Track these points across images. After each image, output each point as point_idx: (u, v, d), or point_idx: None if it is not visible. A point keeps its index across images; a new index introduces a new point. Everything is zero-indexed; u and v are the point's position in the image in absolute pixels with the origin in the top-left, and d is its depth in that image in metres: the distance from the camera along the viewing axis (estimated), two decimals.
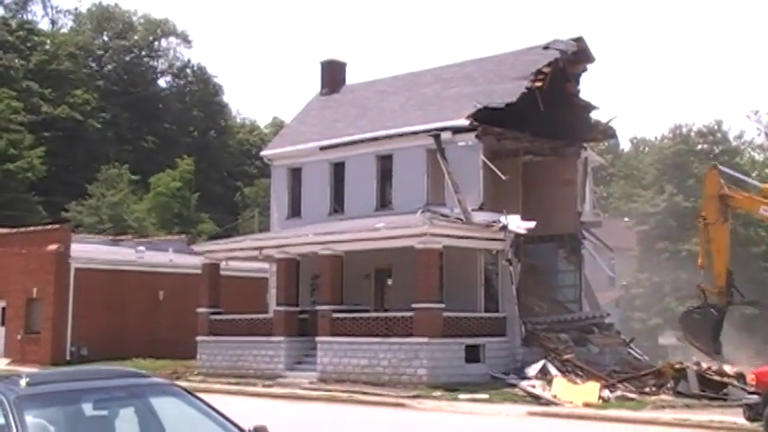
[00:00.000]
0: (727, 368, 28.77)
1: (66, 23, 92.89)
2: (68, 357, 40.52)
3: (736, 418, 20.55)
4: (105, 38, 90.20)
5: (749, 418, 19.49)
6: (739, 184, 32.71)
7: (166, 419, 6.98)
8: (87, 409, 6.75)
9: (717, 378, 27.24)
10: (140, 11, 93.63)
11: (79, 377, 7.11)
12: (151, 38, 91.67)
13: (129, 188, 73.30)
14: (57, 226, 46.40)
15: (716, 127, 68.46)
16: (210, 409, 7.14)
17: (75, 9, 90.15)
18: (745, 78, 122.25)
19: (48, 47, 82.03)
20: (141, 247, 47.75)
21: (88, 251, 44.61)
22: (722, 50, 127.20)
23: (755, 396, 19.21)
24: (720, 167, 30.55)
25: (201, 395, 7.51)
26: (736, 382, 26.40)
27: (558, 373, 28.56)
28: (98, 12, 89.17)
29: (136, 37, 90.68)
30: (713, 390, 26.64)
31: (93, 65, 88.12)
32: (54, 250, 41.81)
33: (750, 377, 20.47)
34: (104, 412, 6.84)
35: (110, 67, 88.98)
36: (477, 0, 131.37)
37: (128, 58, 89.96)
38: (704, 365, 28.76)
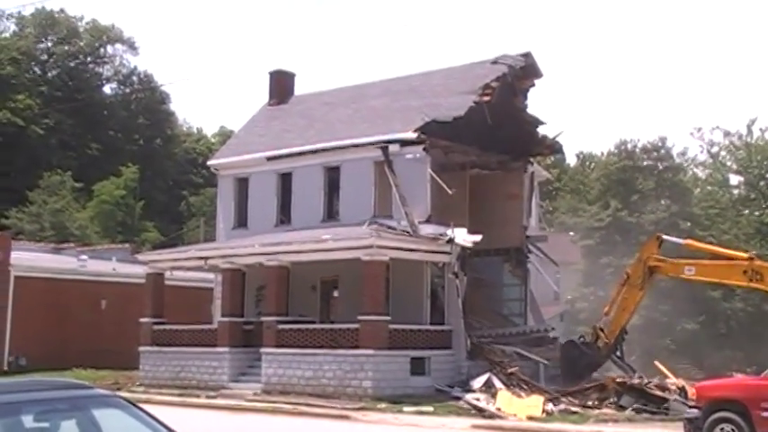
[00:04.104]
0: (670, 383, 29.20)
1: (9, 27, 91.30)
2: (6, 368, 39.69)
3: (677, 431, 20.79)
4: (49, 43, 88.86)
5: None
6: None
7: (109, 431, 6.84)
8: (27, 421, 6.58)
9: (658, 393, 27.58)
10: (86, 16, 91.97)
11: (19, 389, 6.94)
12: (97, 44, 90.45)
13: (72, 195, 72.17)
14: None
15: (660, 143, 69.50)
16: (154, 421, 7.02)
17: (19, 13, 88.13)
18: (690, 96, 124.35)
19: None
20: (84, 256, 47.05)
21: (29, 259, 43.83)
22: (667, 68, 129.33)
23: (696, 410, 19.46)
24: (664, 237, 31.24)
25: (143, 406, 7.38)
26: (678, 396, 26.76)
27: (503, 387, 28.67)
28: (42, 16, 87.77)
29: (81, 43, 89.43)
30: (655, 404, 26.97)
31: (37, 70, 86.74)
32: None
33: (691, 391, 20.75)
34: (45, 424, 6.68)
35: (54, 72, 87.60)
36: (425, 14, 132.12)
37: (72, 64, 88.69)
38: (646, 380, 29.11)
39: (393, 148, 33.31)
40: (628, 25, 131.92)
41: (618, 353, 31.51)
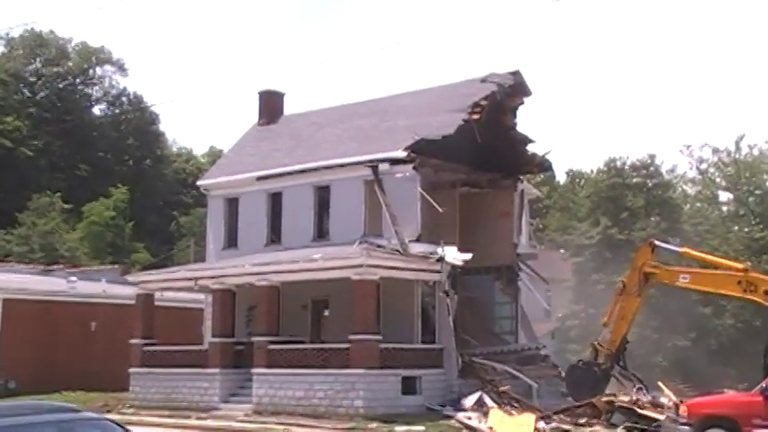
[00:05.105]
0: (664, 399, 29.13)
1: None
2: None
3: None
4: (38, 64, 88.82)
5: None
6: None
7: None
8: None
9: (648, 412, 27.45)
10: (76, 38, 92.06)
11: (7, 413, 6.90)
12: (86, 65, 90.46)
13: (62, 217, 71.99)
14: None
15: (649, 161, 69.63)
16: None
17: (7, 34, 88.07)
18: (678, 113, 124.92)
19: None
20: (73, 278, 46.85)
21: (18, 281, 43.63)
22: (655, 86, 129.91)
23: (687, 427, 19.47)
24: (657, 243, 31.31)
25: (133, 428, 7.35)
26: (670, 414, 26.68)
27: (495, 405, 28.60)
28: (31, 37, 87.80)
29: (70, 64, 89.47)
30: (646, 422, 26.90)
31: (26, 91, 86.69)
32: None
33: (682, 409, 20.75)
34: None
35: (43, 93, 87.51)
36: (413, 34, 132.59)
37: (61, 86, 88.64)
38: (637, 396, 29.04)
39: (383, 167, 33.34)
40: (616, 43, 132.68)
41: (621, 363, 31.30)
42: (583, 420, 27.76)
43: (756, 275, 27.94)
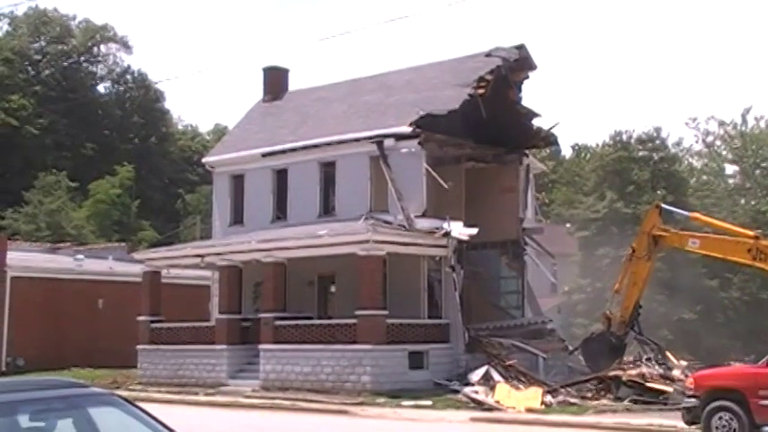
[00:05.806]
0: (677, 372, 29.11)
1: (2, 27, 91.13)
2: (3, 368, 39.68)
3: (676, 421, 20.85)
4: (42, 42, 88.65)
5: (688, 422, 19.79)
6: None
7: (106, 430, 6.82)
8: (23, 420, 6.56)
9: (656, 385, 27.49)
10: (79, 15, 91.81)
11: (15, 388, 6.92)
12: (90, 43, 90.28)
13: (68, 195, 72.05)
14: None
15: (655, 134, 69.33)
16: (151, 419, 7.00)
17: (11, 12, 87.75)
18: (684, 86, 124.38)
19: None
20: (80, 255, 47.00)
21: (25, 259, 43.76)
22: (661, 58, 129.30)
23: (694, 399, 19.50)
24: (663, 206, 31.17)
25: (142, 404, 7.36)
26: (677, 386, 26.69)
27: (501, 379, 28.70)
28: (35, 16, 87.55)
29: (74, 42, 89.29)
30: (652, 394, 26.97)
31: (30, 69, 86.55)
32: None
33: (689, 381, 20.77)
34: (41, 423, 6.66)
35: (47, 72, 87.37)
36: (417, 7, 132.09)
37: (66, 64, 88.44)
38: (646, 370, 29.07)
39: (388, 142, 33.29)
40: (622, 15, 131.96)
41: (636, 328, 31.16)
42: (590, 394, 27.86)
43: (767, 243, 27.73)
